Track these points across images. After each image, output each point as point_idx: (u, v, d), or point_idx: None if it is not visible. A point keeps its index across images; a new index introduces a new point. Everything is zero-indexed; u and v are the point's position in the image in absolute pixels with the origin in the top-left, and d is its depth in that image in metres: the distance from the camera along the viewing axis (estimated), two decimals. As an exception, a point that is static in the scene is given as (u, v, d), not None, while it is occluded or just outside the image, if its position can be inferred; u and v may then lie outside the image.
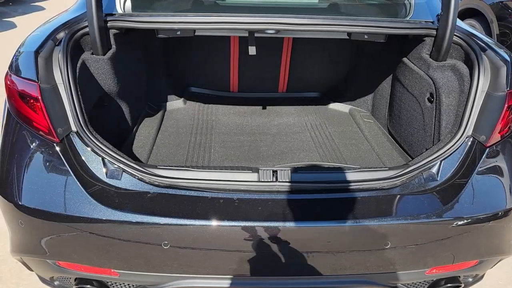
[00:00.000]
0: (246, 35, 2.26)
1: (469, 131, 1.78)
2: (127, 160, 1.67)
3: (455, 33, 1.98)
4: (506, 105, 1.74)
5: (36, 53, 1.67)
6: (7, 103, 1.76)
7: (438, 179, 1.73)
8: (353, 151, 2.51)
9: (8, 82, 1.72)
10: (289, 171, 1.68)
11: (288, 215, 1.58)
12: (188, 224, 1.55)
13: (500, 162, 1.77)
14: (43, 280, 1.89)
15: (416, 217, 1.61)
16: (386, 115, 2.72)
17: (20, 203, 1.59)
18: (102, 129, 1.82)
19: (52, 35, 1.81)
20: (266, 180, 1.67)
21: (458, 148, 1.77)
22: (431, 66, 2.10)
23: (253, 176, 1.69)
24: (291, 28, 1.96)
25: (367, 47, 2.80)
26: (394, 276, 1.76)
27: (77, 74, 1.81)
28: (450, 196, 1.68)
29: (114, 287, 1.84)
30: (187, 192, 1.64)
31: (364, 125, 2.80)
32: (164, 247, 1.57)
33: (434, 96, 2.09)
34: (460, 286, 1.90)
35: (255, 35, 2.23)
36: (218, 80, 3.17)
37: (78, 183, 1.60)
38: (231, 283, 1.71)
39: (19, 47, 1.83)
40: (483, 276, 2.02)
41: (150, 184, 1.65)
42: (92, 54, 2.00)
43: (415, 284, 1.91)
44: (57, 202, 1.57)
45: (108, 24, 1.98)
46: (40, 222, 1.58)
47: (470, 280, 1.97)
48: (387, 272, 1.73)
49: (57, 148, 1.65)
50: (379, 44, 2.33)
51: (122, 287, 1.84)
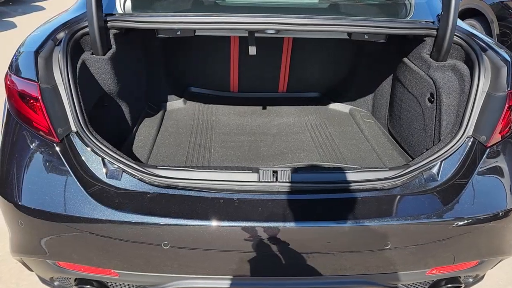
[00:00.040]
0: (246, 35, 2.26)
1: (469, 131, 1.78)
2: (127, 160, 1.67)
3: (455, 33, 1.97)
4: (506, 105, 1.74)
5: (36, 53, 1.67)
6: (7, 103, 1.76)
7: (439, 179, 1.72)
8: (353, 151, 2.51)
9: (8, 82, 1.72)
10: (289, 171, 1.68)
11: (288, 216, 1.58)
12: (188, 224, 1.55)
13: (501, 162, 1.76)
14: (43, 280, 1.89)
15: (416, 217, 1.61)
16: (387, 115, 2.72)
17: (20, 203, 1.59)
18: (102, 129, 1.82)
19: (52, 35, 1.81)
20: (266, 180, 1.67)
21: (458, 149, 1.76)
22: (431, 66, 2.10)
23: (253, 177, 1.69)
24: (291, 28, 1.96)
25: (368, 47, 2.80)
26: (394, 276, 1.76)
27: (77, 74, 1.80)
28: (450, 196, 1.68)
29: (114, 287, 1.84)
30: (187, 192, 1.64)
31: (364, 125, 2.80)
32: (164, 248, 1.57)
33: (435, 96, 2.08)
34: (460, 287, 1.89)
35: (255, 35, 2.23)
36: (218, 80, 3.17)
37: (78, 183, 1.60)
38: (231, 283, 1.71)
39: (19, 47, 1.83)
40: (483, 276, 2.02)
41: (150, 184, 1.65)
42: (92, 54, 2.00)
43: (415, 284, 1.91)
44: (57, 202, 1.57)
45: (108, 24, 1.98)
46: (40, 222, 1.58)
47: (471, 280, 1.97)
48: (387, 272, 1.73)
49: (57, 148, 1.64)
50: (379, 44, 2.33)
51: (122, 287, 1.84)
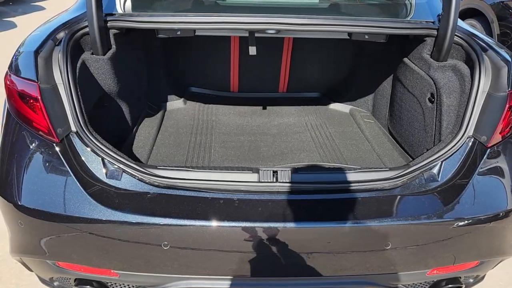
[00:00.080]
0: (246, 35, 2.26)
1: (470, 131, 1.78)
2: (127, 160, 1.67)
3: (456, 33, 1.97)
4: (507, 105, 1.74)
5: (36, 53, 1.67)
6: (7, 103, 1.75)
7: (439, 179, 1.72)
8: (353, 152, 2.50)
9: (8, 82, 1.71)
10: (289, 171, 1.68)
11: (288, 216, 1.58)
12: (188, 225, 1.54)
13: (501, 162, 1.76)
14: (42, 280, 1.89)
15: (417, 217, 1.61)
16: (387, 115, 2.72)
17: (19, 204, 1.59)
18: (102, 129, 1.81)
19: (52, 35, 1.80)
20: (266, 180, 1.66)
21: (459, 149, 1.76)
22: (432, 66, 2.10)
23: (253, 177, 1.68)
24: (291, 28, 1.96)
25: (368, 47, 2.80)
26: (394, 277, 1.76)
27: (77, 74, 1.80)
28: (451, 196, 1.67)
29: (113, 287, 1.84)
30: (187, 193, 1.63)
31: (365, 125, 2.80)
32: (164, 248, 1.57)
33: (435, 97, 2.08)
34: (461, 287, 1.89)
35: (256, 35, 2.22)
36: (219, 80, 3.17)
37: (78, 184, 1.59)
38: (231, 284, 1.70)
39: (19, 47, 1.82)
40: (484, 277, 2.01)
41: (150, 185, 1.64)
42: (92, 54, 1.99)
43: (415, 285, 1.90)
44: (56, 203, 1.57)
45: (108, 24, 1.98)
46: (39, 222, 1.58)
47: (471, 281, 1.96)
48: (387, 273, 1.72)
49: (56, 148, 1.64)
50: (379, 44, 2.33)
51: (121, 287, 1.84)
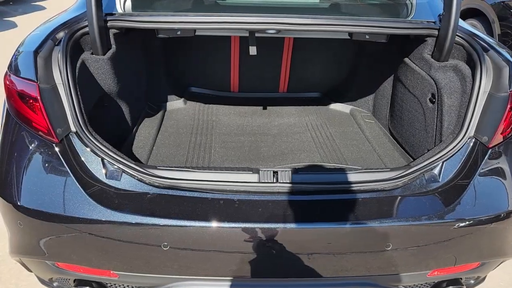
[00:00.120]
0: (246, 35, 2.25)
1: (471, 132, 1.77)
2: (127, 160, 1.66)
3: (457, 33, 1.96)
4: (508, 105, 1.73)
5: (36, 53, 1.66)
6: (6, 103, 1.75)
7: (440, 180, 1.71)
8: (354, 152, 2.50)
9: (7, 82, 1.71)
10: (289, 172, 1.67)
11: (288, 217, 1.57)
12: (188, 226, 1.54)
13: (503, 163, 1.75)
14: (42, 281, 1.88)
15: (417, 218, 1.60)
16: (387, 115, 2.71)
17: (19, 204, 1.58)
18: (102, 129, 1.81)
19: (51, 34, 1.80)
20: (266, 181, 1.66)
21: (460, 149, 1.75)
22: (433, 67, 2.09)
23: (253, 177, 1.68)
24: (292, 28, 1.95)
25: (369, 47, 2.79)
26: (395, 278, 1.75)
27: (76, 74, 1.80)
28: (452, 197, 1.67)
29: (113, 288, 1.83)
30: (187, 193, 1.63)
31: (365, 125, 2.79)
32: (163, 249, 1.56)
33: (436, 97, 2.07)
34: (461, 288, 1.89)
35: (256, 35, 2.22)
36: (219, 80, 3.16)
37: (78, 184, 1.59)
38: (231, 285, 1.70)
39: (18, 46, 1.82)
40: (485, 278, 2.00)
41: (150, 185, 1.64)
42: (92, 54, 1.99)
43: (416, 286, 1.89)
44: (56, 203, 1.56)
45: (108, 24, 1.97)
46: (39, 223, 1.57)
47: (472, 282, 1.96)
48: (388, 274, 1.72)
49: (56, 148, 1.64)
50: (380, 44, 2.32)
51: (121, 288, 1.83)
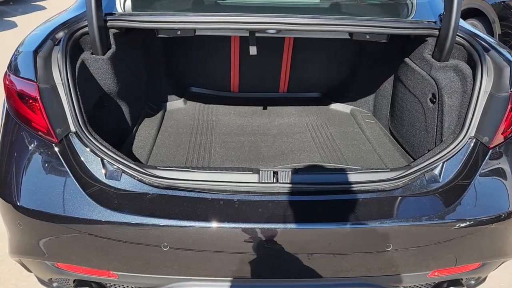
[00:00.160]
0: (247, 35, 2.25)
1: (471, 132, 1.76)
2: (127, 160, 1.66)
3: (457, 33, 1.96)
4: (509, 106, 1.73)
5: (35, 52, 1.66)
6: (6, 103, 1.74)
7: (441, 180, 1.71)
8: (354, 152, 2.49)
9: (7, 82, 1.70)
10: (289, 172, 1.67)
11: (288, 217, 1.57)
12: (188, 226, 1.53)
13: (503, 163, 1.75)
14: (41, 281, 1.88)
15: (418, 219, 1.60)
16: (388, 115, 2.71)
17: (18, 204, 1.58)
18: (102, 129, 1.80)
19: (51, 34, 1.80)
20: (266, 181, 1.66)
21: (460, 150, 1.75)
22: (433, 67, 2.08)
23: (253, 177, 1.67)
24: (292, 28, 1.95)
25: (369, 47, 2.79)
26: (395, 278, 1.74)
27: (76, 74, 1.79)
28: (452, 198, 1.66)
29: (113, 288, 1.83)
30: (187, 194, 1.62)
31: (366, 125, 2.79)
32: (163, 249, 1.56)
33: (437, 97, 2.07)
34: (462, 289, 1.88)
35: (256, 35, 2.21)
36: (219, 80, 3.16)
37: (77, 184, 1.59)
38: (231, 285, 1.69)
39: (18, 46, 1.82)
40: (485, 278, 2.00)
41: (150, 185, 1.63)
42: (91, 54, 1.99)
43: (417, 286, 1.89)
44: (55, 203, 1.56)
45: (108, 24, 1.97)
46: (38, 223, 1.57)
47: (473, 282, 1.95)
48: (388, 274, 1.71)
49: (56, 148, 1.63)
50: (380, 44, 2.32)
51: (121, 289, 1.83)
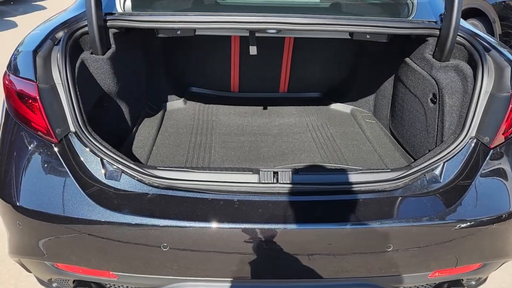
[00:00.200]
0: (247, 34, 2.24)
1: (472, 132, 1.76)
2: (126, 160, 1.66)
3: (458, 33, 1.95)
4: (510, 106, 1.72)
5: (35, 52, 1.65)
6: (6, 103, 1.74)
7: (441, 181, 1.70)
8: (354, 152, 2.49)
9: (7, 82, 1.70)
10: (290, 172, 1.66)
11: (289, 217, 1.56)
12: (188, 226, 1.53)
13: (504, 164, 1.74)
14: (41, 282, 1.87)
15: (418, 219, 1.59)
16: (388, 115, 2.70)
17: (18, 204, 1.58)
18: (102, 129, 1.80)
19: (51, 34, 1.79)
20: (266, 181, 1.65)
21: (461, 150, 1.75)
22: (434, 67, 2.08)
23: (253, 178, 1.67)
24: (292, 28, 1.94)
25: (369, 47, 2.78)
26: (396, 279, 1.74)
27: (76, 74, 1.79)
28: (453, 198, 1.66)
29: (112, 289, 1.83)
30: (187, 194, 1.62)
31: (366, 125, 2.78)
32: (163, 249, 1.55)
33: (437, 97, 2.06)
34: (463, 289, 1.88)
35: (256, 34, 2.21)
36: (219, 80, 3.16)
37: (77, 184, 1.58)
38: (231, 286, 1.69)
39: (17, 46, 1.81)
40: (486, 279, 2.00)
41: (150, 185, 1.63)
42: (91, 53, 1.98)
43: (417, 287, 1.89)
44: (55, 204, 1.55)
45: (107, 24, 1.96)
46: (38, 223, 1.56)
47: (473, 283, 1.95)
48: (389, 275, 1.71)
49: (55, 148, 1.63)
50: (381, 44, 2.32)
51: (120, 289, 1.82)
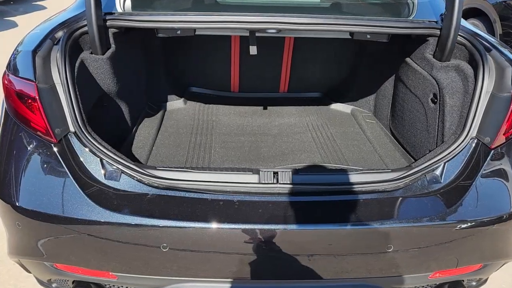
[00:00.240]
0: (247, 34, 2.24)
1: (473, 132, 1.75)
2: (126, 161, 1.65)
3: (459, 33, 1.95)
4: (511, 106, 1.71)
5: (34, 52, 1.65)
6: (5, 103, 1.74)
7: (442, 181, 1.70)
8: (355, 152, 2.48)
9: (6, 82, 1.70)
10: (290, 172, 1.66)
11: (289, 218, 1.56)
12: (188, 227, 1.53)
13: (505, 164, 1.74)
14: (41, 282, 1.87)
15: (419, 220, 1.59)
16: (389, 115, 2.70)
17: (17, 205, 1.57)
18: (101, 129, 1.80)
19: (50, 34, 1.79)
20: (266, 181, 1.65)
21: (462, 150, 1.74)
22: (434, 67, 2.07)
23: (253, 178, 1.67)
24: (292, 28, 1.94)
25: (370, 47, 2.78)
26: (396, 279, 1.73)
27: (75, 73, 1.78)
28: (453, 198, 1.65)
29: (112, 289, 1.82)
30: (187, 194, 1.61)
31: (366, 126, 2.78)
32: (163, 250, 1.55)
33: (438, 97, 2.06)
34: (463, 290, 1.87)
35: (256, 34, 2.20)
36: (219, 80, 3.15)
37: (76, 185, 1.58)
38: (231, 286, 1.68)
39: (17, 46, 1.81)
40: (487, 279, 1.99)
41: (149, 186, 1.62)
42: (91, 53, 1.98)
43: (418, 288, 1.88)
44: (54, 204, 1.55)
45: (107, 23, 1.96)
46: (37, 223, 1.56)
47: (474, 284, 1.94)
48: (389, 276, 1.70)
49: (55, 149, 1.63)
50: (381, 44, 2.31)
51: (120, 290, 1.82)
